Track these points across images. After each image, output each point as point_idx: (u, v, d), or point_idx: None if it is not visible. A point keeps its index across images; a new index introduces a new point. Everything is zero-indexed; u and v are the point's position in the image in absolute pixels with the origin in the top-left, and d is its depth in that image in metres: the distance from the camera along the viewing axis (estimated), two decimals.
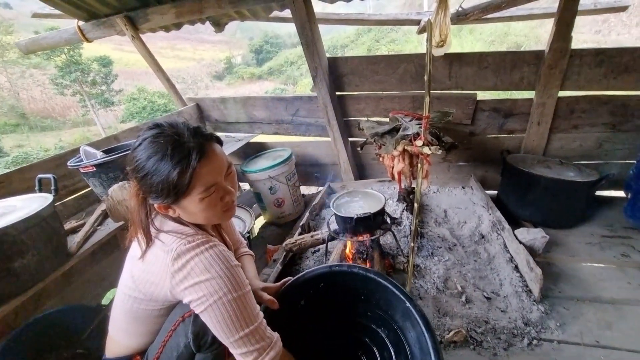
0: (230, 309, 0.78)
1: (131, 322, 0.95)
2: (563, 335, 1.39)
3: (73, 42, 2.68)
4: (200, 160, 0.78)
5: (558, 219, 2.09)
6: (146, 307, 0.90)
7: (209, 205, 0.83)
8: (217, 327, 0.79)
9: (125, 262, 0.95)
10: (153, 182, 0.78)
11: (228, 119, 3.09)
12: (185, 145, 0.78)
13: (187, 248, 0.80)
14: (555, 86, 2.10)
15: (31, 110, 18.31)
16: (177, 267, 0.78)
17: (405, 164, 1.68)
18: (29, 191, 1.57)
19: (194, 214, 0.85)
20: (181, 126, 0.82)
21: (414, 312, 0.97)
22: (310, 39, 2.17)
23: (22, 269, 1.24)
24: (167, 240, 0.83)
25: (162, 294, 0.83)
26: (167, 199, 0.79)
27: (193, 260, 0.79)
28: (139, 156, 0.79)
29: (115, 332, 1.00)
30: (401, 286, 1.04)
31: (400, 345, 1.07)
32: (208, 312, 0.79)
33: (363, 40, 20.59)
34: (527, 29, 12.82)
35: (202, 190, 0.80)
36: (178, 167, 0.75)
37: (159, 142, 0.78)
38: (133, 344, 0.98)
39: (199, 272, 0.78)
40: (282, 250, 1.93)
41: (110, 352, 1.01)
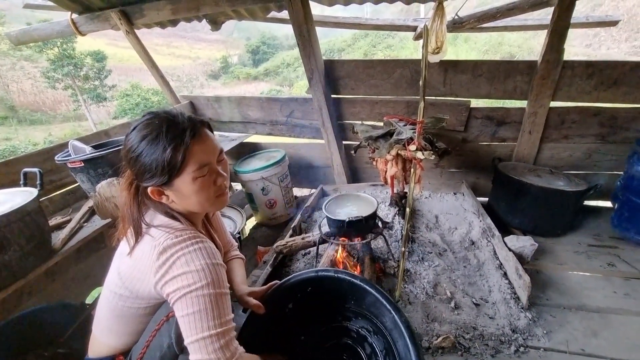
0: (200, 304, 0.75)
1: (116, 321, 0.93)
2: (549, 343, 1.40)
3: (65, 34, 2.63)
4: (193, 138, 0.80)
5: (547, 227, 2.12)
6: (131, 305, 0.89)
7: (202, 187, 0.83)
8: (183, 321, 0.76)
9: (113, 260, 0.93)
10: (147, 162, 0.79)
11: (222, 118, 3.06)
12: (180, 124, 0.80)
13: (173, 242, 0.79)
14: (547, 96, 2.14)
15: (21, 103, 17.94)
16: (161, 261, 0.78)
17: (398, 168, 1.68)
18: (13, 185, 1.53)
19: (188, 197, 0.84)
20: (174, 111, 0.85)
21: (400, 323, 0.96)
22: (307, 40, 2.17)
23: (3, 264, 1.20)
24: (156, 234, 0.82)
25: (147, 290, 0.82)
26: (161, 177, 0.79)
27: (177, 254, 0.78)
28: (134, 138, 0.81)
29: (99, 331, 0.98)
30: (387, 294, 1.03)
31: (390, 351, 1.06)
32: (178, 303, 0.77)
33: (360, 45, 20.73)
34: (521, 39, 13.09)
35: (195, 169, 0.81)
36: (172, 144, 0.78)
37: (153, 122, 0.81)
38: (117, 344, 0.96)
39: (179, 265, 0.77)
40: (273, 252, 1.91)
41: (94, 352, 0.99)
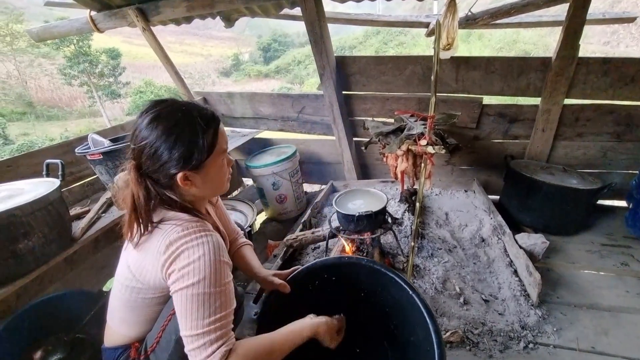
0: (196, 301, 0.76)
1: (130, 312, 0.96)
2: (559, 340, 1.40)
3: (84, 31, 2.70)
4: (219, 123, 0.90)
5: (559, 225, 2.10)
6: (145, 296, 0.91)
7: (222, 169, 0.93)
8: (180, 313, 0.78)
9: (121, 255, 0.95)
10: (180, 149, 0.82)
11: (234, 114, 3.11)
12: (204, 111, 0.87)
13: (180, 235, 0.81)
14: (561, 93, 2.11)
15: (38, 99, 18.43)
16: (167, 254, 0.80)
17: (408, 163, 1.69)
18: (35, 176, 1.59)
19: (211, 179, 0.91)
20: (181, 99, 0.91)
21: (419, 303, 1.00)
22: (320, 37, 2.18)
23: (26, 251, 1.26)
24: (165, 227, 0.84)
25: (158, 280, 0.84)
26: (198, 157, 0.84)
27: (183, 247, 0.79)
28: (159, 129, 0.81)
29: (113, 322, 1.01)
30: (407, 279, 1.07)
31: (397, 341, 1.09)
32: (176, 295, 0.79)
33: (371, 42, 20.62)
34: (536, 37, 12.82)
35: (221, 151, 0.90)
36: (209, 128, 0.85)
37: (180, 111, 0.84)
38: (131, 333, 0.99)
39: (183, 258, 0.78)
40: (283, 246, 1.94)
41: (109, 342, 1.02)
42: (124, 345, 1.00)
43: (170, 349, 0.92)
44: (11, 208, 1.17)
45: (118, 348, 1.00)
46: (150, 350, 0.94)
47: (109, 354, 1.01)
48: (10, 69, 18.33)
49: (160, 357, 0.93)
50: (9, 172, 1.65)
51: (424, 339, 0.98)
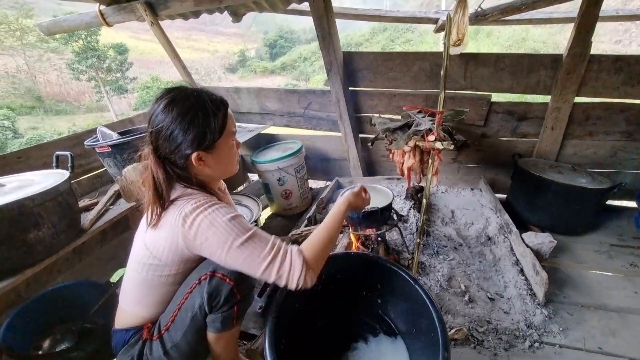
0: (245, 249, 0.85)
1: (145, 292, 0.98)
2: (565, 340, 1.38)
3: (93, 25, 2.72)
4: (227, 107, 0.97)
5: (567, 225, 2.07)
6: (161, 274, 0.94)
7: (233, 150, 1.00)
8: (241, 267, 0.87)
9: (136, 237, 1.00)
10: (194, 131, 0.88)
11: (240, 109, 3.11)
12: (214, 97, 0.93)
13: (192, 208, 0.87)
14: (571, 91, 2.08)
15: (47, 93, 18.65)
16: (187, 225, 0.86)
17: (415, 160, 1.68)
18: (45, 167, 1.62)
19: (222, 159, 0.97)
20: (191, 86, 0.97)
21: (424, 296, 1.02)
22: (327, 32, 2.17)
23: (37, 241, 1.28)
24: (178, 203, 0.90)
25: (179, 253, 0.90)
26: (211, 137, 0.91)
27: (198, 217, 0.86)
28: (173, 116, 0.88)
29: (126, 304, 1.03)
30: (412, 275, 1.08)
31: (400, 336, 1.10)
32: (228, 261, 0.86)
33: (378, 39, 20.50)
34: (546, 35, 12.64)
35: (231, 133, 0.97)
36: (219, 111, 0.92)
37: (192, 96, 0.90)
38: (145, 314, 1.01)
39: (205, 228, 0.85)
40: (288, 241, 1.94)
41: (120, 323, 1.04)
42: (136, 326, 1.01)
43: (185, 327, 0.94)
44: (22, 198, 1.19)
45: (130, 329, 1.01)
46: (165, 329, 0.96)
47: (119, 335, 1.02)
48: (20, 64, 18.55)
49: (174, 336, 0.95)
50: (20, 164, 1.68)
51: (427, 329, 1.00)
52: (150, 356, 0.97)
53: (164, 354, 0.95)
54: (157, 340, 0.96)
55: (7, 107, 14.35)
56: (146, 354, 0.97)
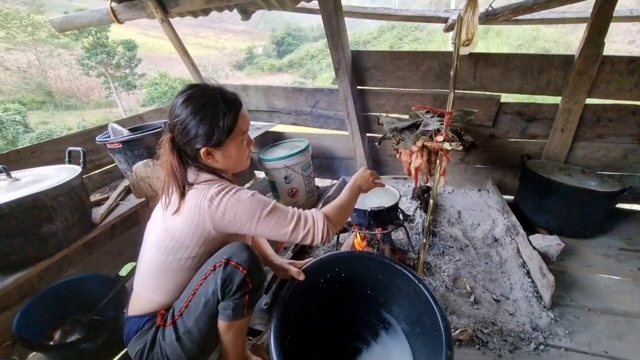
0: (272, 218, 0.95)
1: (162, 277, 1.01)
2: (571, 343, 1.38)
3: (104, 22, 2.75)
4: (240, 108, 1.00)
5: (575, 228, 2.05)
6: (181, 257, 0.98)
7: (242, 148, 1.04)
8: (271, 235, 0.98)
9: (150, 226, 1.06)
10: (206, 127, 0.95)
11: (248, 106, 3.13)
12: (229, 96, 0.99)
13: (217, 190, 0.95)
14: (583, 92, 2.05)
15: (57, 89, 18.90)
16: (214, 207, 0.93)
17: (423, 160, 1.67)
18: (58, 162, 1.65)
19: (230, 156, 1.03)
20: (211, 84, 1.02)
21: (425, 291, 1.04)
22: (336, 30, 2.17)
23: (50, 234, 1.31)
24: (201, 187, 0.97)
25: (204, 234, 0.96)
26: (219, 137, 0.96)
27: (225, 198, 0.93)
28: (189, 111, 0.94)
29: (141, 290, 1.05)
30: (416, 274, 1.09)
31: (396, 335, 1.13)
32: (257, 229, 0.96)
33: (386, 38, 20.39)
34: (558, 34, 12.45)
35: (242, 133, 1.02)
36: (231, 111, 0.97)
37: (208, 94, 0.96)
38: (160, 300, 1.03)
39: (232, 206, 0.93)
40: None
41: (135, 310, 1.05)
42: (151, 312, 1.03)
43: (197, 312, 0.96)
44: (36, 192, 1.22)
45: (144, 316, 1.03)
46: (178, 315, 0.98)
47: (133, 322, 1.04)
48: (31, 59, 18.82)
49: (187, 321, 0.97)
50: (34, 158, 1.71)
51: (431, 328, 1.00)
52: (163, 342, 0.98)
53: (177, 339, 0.97)
54: (170, 326, 0.99)
55: (19, 102, 14.59)
56: (159, 340, 0.99)
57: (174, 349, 0.98)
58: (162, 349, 0.99)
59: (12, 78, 17.90)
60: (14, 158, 1.65)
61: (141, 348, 1.01)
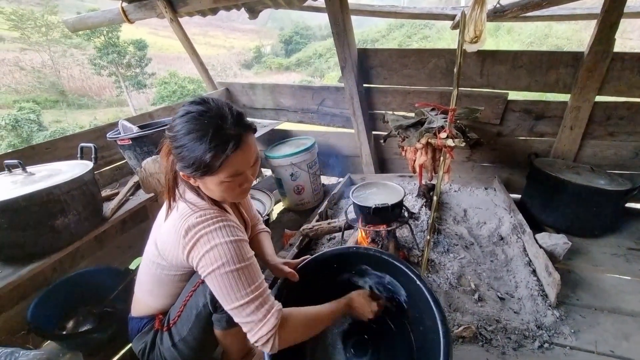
0: (226, 280, 0.82)
1: (155, 285, 1.03)
2: (576, 342, 1.37)
3: (116, 22, 2.81)
4: (235, 151, 0.80)
5: (583, 227, 2.03)
6: (168, 273, 0.98)
7: (227, 189, 0.87)
8: (217, 294, 0.85)
9: (152, 231, 1.02)
10: (185, 155, 0.81)
11: (255, 104, 3.16)
12: (226, 131, 0.79)
13: (196, 222, 0.85)
14: (592, 90, 2.02)
15: (70, 88, 19.29)
16: (187, 239, 0.85)
17: (427, 157, 1.68)
18: (71, 158, 1.70)
19: (211, 191, 0.89)
20: (226, 110, 0.82)
21: (426, 293, 1.00)
22: (342, 29, 2.18)
23: (63, 227, 1.35)
24: (184, 210, 0.88)
25: (179, 261, 0.90)
26: (193, 172, 0.83)
27: (199, 233, 0.84)
28: (179, 128, 0.81)
29: (141, 293, 1.08)
30: (414, 269, 1.07)
31: (405, 330, 1.11)
32: (208, 280, 0.84)
33: (394, 36, 20.26)
34: (570, 31, 12.21)
35: (227, 176, 0.84)
36: (213, 151, 0.78)
37: (202, 121, 0.79)
38: (157, 305, 1.06)
39: (203, 243, 0.83)
40: (299, 235, 1.98)
41: (136, 312, 1.11)
42: (149, 315, 1.07)
43: (190, 323, 0.99)
44: (50, 186, 1.26)
45: (144, 318, 1.07)
46: (173, 323, 1.01)
47: (134, 323, 1.09)
48: (45, 59, 19.24)
49: (181, 330, 1.00)
50: (48, 154, 1.76)
51: (430, 329, 0.99)
52: (161, 346, 1.02)
53: (172, 346, 1.00)
54: (166, 332, 1.02)
55: (33, 101, 14.95)
56: (157, 344, 1.03)
57: (171, 354, 1.01)
58: (160, 352, 1.03)
59: (27, 78, 18.34)
60: (30, 154, 1.71)
61: (142, 348, 1.06)
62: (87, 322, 1.50)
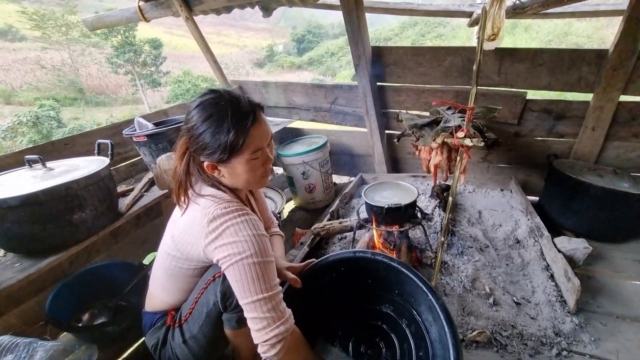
0: (250, 271, 0.82)
1: (169, 279, 1.04)
2: (596, 351, 1.32)
3: (133, 21, 2.85)
4: (253, 124, 0.86)
5: (605, 231, 1.96)
6: (182, 266, 0.98)
7: (253, 168, 0.91)
8: (236, 285, 0.84)
9: (167, 225, 1.03)
10: (208, 141, 0.85)
11: (268, 103, 3.16)
12: (243, 109, 0.86)
13: (222, 212, 0.86)
14: (617, 89, 1.95)
15: (88, 86, 19.81)
16: (211, 228, 0.85)
17: (443, 157, 1.64)
18: (88, 154, 1.73)
19: (238, 175, 0.91)
20: (236, 93, 0.90)
21: (436, 305, 0.95)
22: (356, 26, 2.16)
23: (80, 221, 1.37)
24: (205, 203, 0.89)
25: (197, 253, 0.90)
26: (221, 155, 0.86)
27: (226, 224, 0.84)
28: (198, 117, 0.86)
29: (154, 288, 1.10)
30: (425, 279, 1.03)
31: (422, 339, 1.06)
32: (230, 270, 0.84)
33: (408, 34, 20.05)
34: (592, 29, 11.83)
35: (251, 152, 0.88)
36: (235, 128, 0.84)
37: (218, 105, 0.86)
38: (170, 300, 1.07)
39: (229, 234, 0.84)
40: (310, 234, 1.97)
41: (149, 306, 1.12)
42: (162, 311, 1.08)
43: (201, 321, 0.99)
44: (69, 181, 1.29)
45: (157, 313, 1.09)
46: (184, 320, 1.02)
47: (148, 317, 1.10)
48: (65, 58, 19.82)
49: (192, 327, 1.00)
50: (67, 150, 1.81)
51: (438, 340, 0.96)
52: (172, 342, 1.03)
53: (183, 342, 1.01)
54: (178, 328, 1.02)
55: (53, 99, 15.40)
56: (169, 340, 1.04)
57: (182, 350, 1.02)
58: (172, 348, 1.03)
59: (47, 76, 18.92)
60: (49, 149, 1.75)
61: (155, 343, 1.07)
62: (102, 315, 1.52)
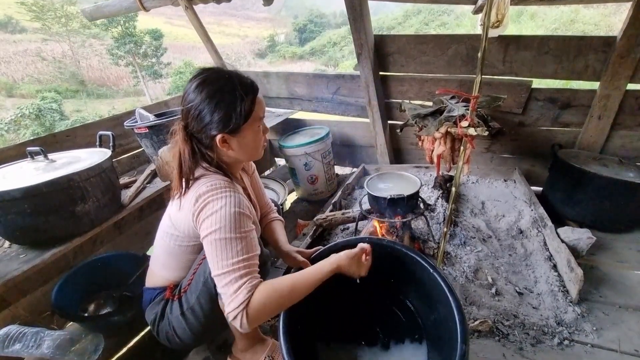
0: (217, 245, 0.86)
1: (168, 257, 1.07)
2: (598, 340, 1.32)
3: (132, 10, 2.81)
4: (256, 93, 0.95)
5: (609, 221, 1.95)
6: (181, 244, 1.02)
7: (258, 135, 1.00)
8: (208, 259, 0.89)
9: (167, 208, 1.07)
10: (222, 112, 0.90)
11: (269, 93, 3.14)
12: (246, 79, 0.94)
13: (206, 189, 0.89)
14: (624, 77, 1.91)
15: (89, 78, 19.74)
16: (197, 205, 0.89)
17: (446, 147, 1.63)
18: (89, 146, 1.73)
19: (247, 144, 0.98)
20: (230, 68, 0.99)
21: (446, 290, 0.98)
22: (359, 14, 2.12)
23: (83, 213, 1.38)
24: (198, 183, 0.93)
25: (191, 229, 0.94)
26: (235, 122, 0.91)
27: (208, 199, 0.88)
28: (203, 95, 0.89)
29: (155, 266, 1.14)
30: (434, 264, 1.06)
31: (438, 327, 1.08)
32: (204, 243, 0.89)
33: (411, 23, 19.74)
34: (599, 16, 11.59)
35: (259, 119, 0.97)
36: (247, 95, 0.92)
37: (223, 77, 0.92)
38: (169, 276, 1.11)
39: (209, 208, 0.88)
40: (313, 225, 1.97)
41: (149, 283, 1.16)
42: (162, 286, 1.11)
43: (198, 290, 1.01)
44: (71, 173, 1.29)
45: (157, 289, 1.12)
46: (183, 292, 1.05)
47: (148, 293, 1.14)
48: (65, 49, 19.71)
49: (190, 298, 1.03)
50: (68, 142, 1.81)
51: (445, 318, 0.98)
52: (170, 315, 1.05)
53: (181, 314, 1.03)
54: (176, 300, 1.05)
55: (55, 91, 15.37)
56: (167, 313, 1.06)
57: (179, 323, 1.04)
58: (169, 321, 1.06)
59: (49, 68, 18.86)
60: (51, 141, 1.75)
61: (153, 318, 1.10)
62: (107, 305, 1.54)
